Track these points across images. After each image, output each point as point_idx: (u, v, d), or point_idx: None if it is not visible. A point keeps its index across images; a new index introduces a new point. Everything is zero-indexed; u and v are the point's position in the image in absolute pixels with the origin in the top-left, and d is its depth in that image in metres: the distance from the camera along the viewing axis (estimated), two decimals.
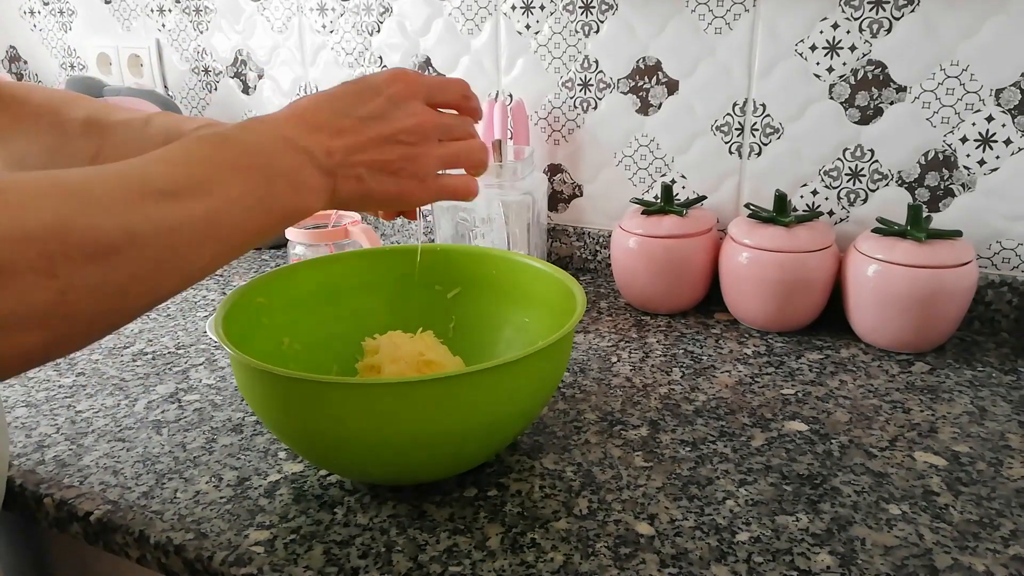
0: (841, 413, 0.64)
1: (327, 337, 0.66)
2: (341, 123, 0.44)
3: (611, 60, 0.90)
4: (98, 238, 0.32)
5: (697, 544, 0.49)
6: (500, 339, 0.67)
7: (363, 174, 0.45)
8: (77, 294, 0.32)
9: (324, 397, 0.46)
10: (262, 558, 0.48)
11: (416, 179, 0.47)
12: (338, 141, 0.44)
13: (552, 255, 1.02)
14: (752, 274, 0.77)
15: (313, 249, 0.86)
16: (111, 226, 0.33)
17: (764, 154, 0.86)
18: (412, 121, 0.46)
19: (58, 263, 0.31)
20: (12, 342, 0.31)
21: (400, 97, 0.46)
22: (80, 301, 0.32)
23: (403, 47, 1.02)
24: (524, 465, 0.57)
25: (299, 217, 0.42)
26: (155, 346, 0.80)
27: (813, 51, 0.80)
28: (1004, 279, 0.78)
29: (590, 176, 0.97)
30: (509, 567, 0.47)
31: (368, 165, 0.45)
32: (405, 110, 0.46)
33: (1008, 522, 0.50)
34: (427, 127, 0.47)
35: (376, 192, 0.45)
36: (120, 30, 1.24)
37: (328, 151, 0.43)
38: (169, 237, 0.35)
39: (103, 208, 0.33)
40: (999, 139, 0.75)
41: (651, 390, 0.68)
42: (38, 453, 0.60)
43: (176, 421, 0.65)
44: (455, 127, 0.49)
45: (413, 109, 0.46)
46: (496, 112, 0.92)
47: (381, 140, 0.45)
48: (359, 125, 0.44)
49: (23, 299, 0.30)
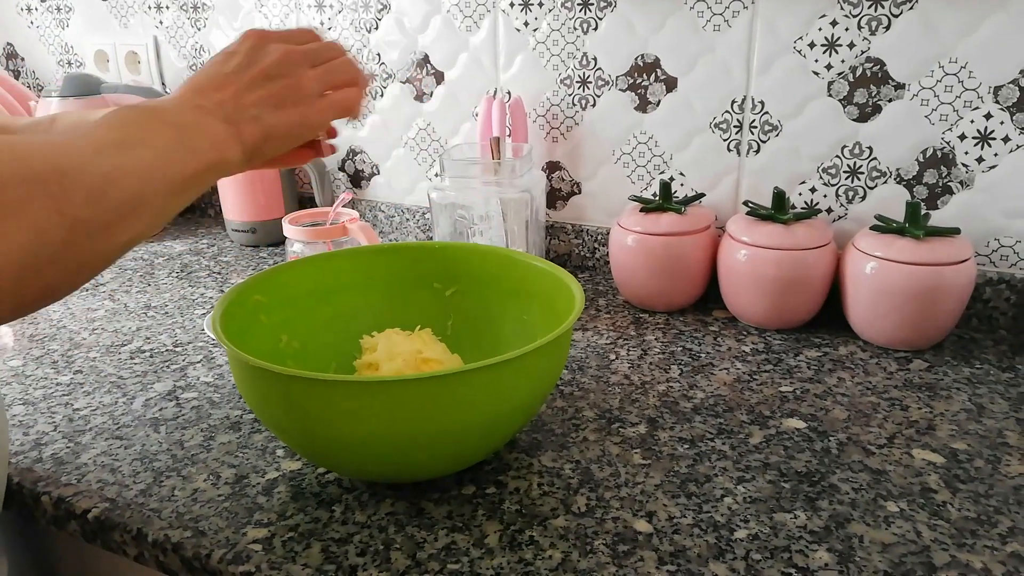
0: (839, 410, 0.64)
1: (325, 335, 0.66)
2: (218, 81, 0.50)
3: (610, 57, 0.90)
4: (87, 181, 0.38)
5: (695, 542, 0.49)
6: (498, 337, 0.67)
7: (258, 114, 0.49)
8: (80, 230, 0.37)
9: (322, 395, 0.46)
10: (260, 556, 0.48)
11: (304, 103, 0.51)
12: (222, 93, 0.49)
13: (550, 253, 1.01)
14: (750, 271, 0.77)
15: (311, 247, 0.86)
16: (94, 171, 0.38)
17: (763, 151, 0.86)
18: (276, 56, 0.51)
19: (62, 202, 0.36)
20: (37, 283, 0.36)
21: (256, 46, 0.52)
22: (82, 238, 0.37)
23: (401, 44, 1.02)
24: (522, 463, 0.57)
25: (223, 167, 0.47)
26: (153, 344, 0.79)
27: (812, 48, 0.80)
28: (1002, 276, 0.78)
29: (588, 173, 0.97)
30: (507, 565, 0.47)
31: (257, 103, 0.49)
32: (265, 52, 0.51)
33: (1006, 519, 0.50)
34: (292, 56, 0.52)
35: (277, 126, 0.50)
36: (118, 27, 1.24)
37: (219, 103, 0.48)
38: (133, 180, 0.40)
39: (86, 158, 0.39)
40: (997, 136, 0.75)
41: (649, 388, 0.68)
42: (36, 451, 0.60)
43: (174, 419, 0.65)
44: (320, 51, 0.54)
45: (272, 49, 0.52)
46: (495, 109, 0.92)
47: (257, 79, 0.50)
48: (233, 77, 0.50)
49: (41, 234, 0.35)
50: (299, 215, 0.89)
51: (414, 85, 1.04)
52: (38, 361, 0.76)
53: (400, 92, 1.05)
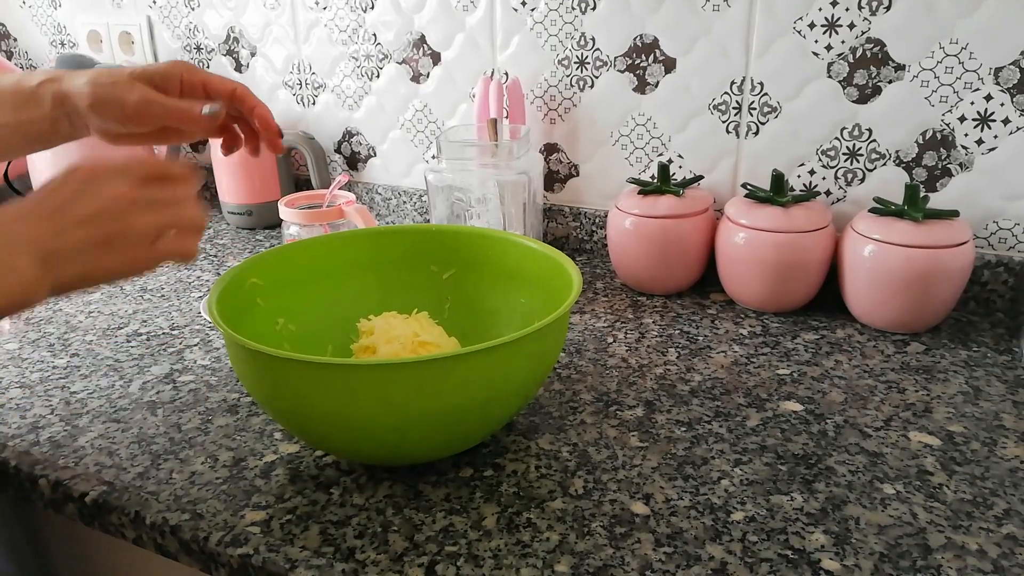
0: (836, 393, 0.64)
1: (322, 318, 0.66)
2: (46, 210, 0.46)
3: (608, 38, 0.89)
4: None
5: (692, 523, 0.49)
6: (496, 320, 0.66)
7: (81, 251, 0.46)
8: None
9: (319, 378, 0.46)
10: (258, 538, 0.48)
11: (134, 248, 0.48)
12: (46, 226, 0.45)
13: (548, 235, 1.01)
14: (748, 254, 0.77)
15: (307, 229, 0.86)
16: None
17: (761, 133, 0.85)
18: (105, 199, 0.47)
19: None
20: None
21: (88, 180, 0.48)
22: None
23: (397, 24, 1.01)
24: (520, 445, 0.57)
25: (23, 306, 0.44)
26: (149, 327, 0.79)
27: (812, 29, 0.79)
28: (1000, 259, 0.78)
29: (586, 156, 0.96)
30: (505, 546, 0.47)
31: (82, 241, 0.46)
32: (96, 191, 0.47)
33: (1001, 501, 0.50)
34: (121, 203, 0.48)
35: (98, 270, 0.47)
36: (110, 7, 1.22)
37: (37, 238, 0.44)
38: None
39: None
40: (997, 118, 0.75)
41: (647, 370, 0.68)
42: (33, 434, 0.60)
43: (171, 402, 0.65)
44: (158, 197, 0.49)
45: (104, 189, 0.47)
46: (492, 91, 0.91)
47: (85, 220, 0.46)
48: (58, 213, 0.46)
49: None
50: (295, 197, 0.89)
51: (410, 66, 1.03)
52: (34, 344, 0.76)
53: (396, 73, 1.04)
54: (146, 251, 0.48)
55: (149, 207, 0.48)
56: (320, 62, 1.09)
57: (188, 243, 0.50)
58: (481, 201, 0.87)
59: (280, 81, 1.13)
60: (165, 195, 0.50)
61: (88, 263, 0.46)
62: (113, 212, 0.47)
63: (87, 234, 0.46)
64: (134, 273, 0.48)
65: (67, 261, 0.45)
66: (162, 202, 0.49)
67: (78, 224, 0.46)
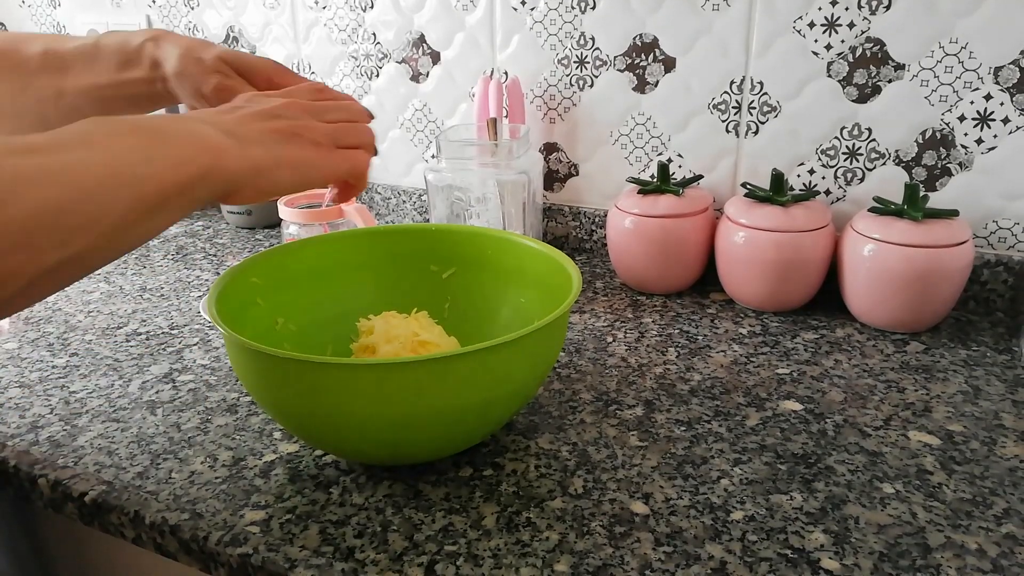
0: (836, 392, 0.64)
1: (321, 317, 0.65)
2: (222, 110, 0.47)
3: (607, 37, 0.89)
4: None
5: (692, 523, 0.49)
6: (495, 319, 0.66)
7: (265, 139, 0.45)
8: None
9: (318, 378, 0.46)
10: (258, 538, 0.48)
11: (315, 145, 0.48)
12: (225, 116, 0.45)
13: (548, 235, 1.01)
14: (748, 254, 0.77)
15: (307, 229, 0.86)
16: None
17: (761, 133, 0.85)
18: (282, 102, 0.48)
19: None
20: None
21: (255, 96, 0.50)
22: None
23: (397, 23, 1.01)
24: (519, 445, 0.57)
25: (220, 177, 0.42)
26: (149, 326, 0.79)
27: (811, 28, 0.79)
28: (1000, 258, 0.78)
29: (586, 155, 0.96)
30: (504, 546, 0.47)
31: (263, 132, 0.45)
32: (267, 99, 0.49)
33: (1001, 500, 0.50)
34: (300, 105, 0.49)
35: (285, 156, 0.46)
36: (110, 6, 1.22)
37: (218, 121, 0.44)
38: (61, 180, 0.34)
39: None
40: (997, 118, 0.75)
41: (646, 370, 0.68)
42: (32, 434, 0.60)
43: (171, 401, 0.65)
44: (331, 108, 0.51)
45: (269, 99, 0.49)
46: (491, 90, 0.91)
47: (263, 115, 0.47)
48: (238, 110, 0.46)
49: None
50: (295, 197, 0.89)
51: (410, 65, 1.03)
52: (34, 344, 0.76)
53: (396, 72, 1.04)
54: (328, 150, 0.48)
55: (323, 113, 0.49)
56: (320, 61, 1.09)
57: (362, 159, 0.51)
58: (481, 200, 0.87)
59: None
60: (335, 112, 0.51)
61: (276, 150, 0.45)
62: (288, 112, 0.48)
63: (267, 126, 0.46)
64: (315, 172, 0.47)
65: (254, 143, 0.44)
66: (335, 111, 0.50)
67: (256, 117, 0.46)
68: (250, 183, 0.44)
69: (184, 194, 0.40)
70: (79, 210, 0.34)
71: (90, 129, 0.37)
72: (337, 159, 0.49)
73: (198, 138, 0.41)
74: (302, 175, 0.47)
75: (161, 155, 0.38)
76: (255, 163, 0.44)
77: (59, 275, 0.35)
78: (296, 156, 0.46)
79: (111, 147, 0.37)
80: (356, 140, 0.51)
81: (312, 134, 0.48)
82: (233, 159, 0.42)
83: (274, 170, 0.45)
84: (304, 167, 0.47)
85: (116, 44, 0.58)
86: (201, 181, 0.40)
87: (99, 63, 0.58)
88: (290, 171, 0.46)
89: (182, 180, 0.39)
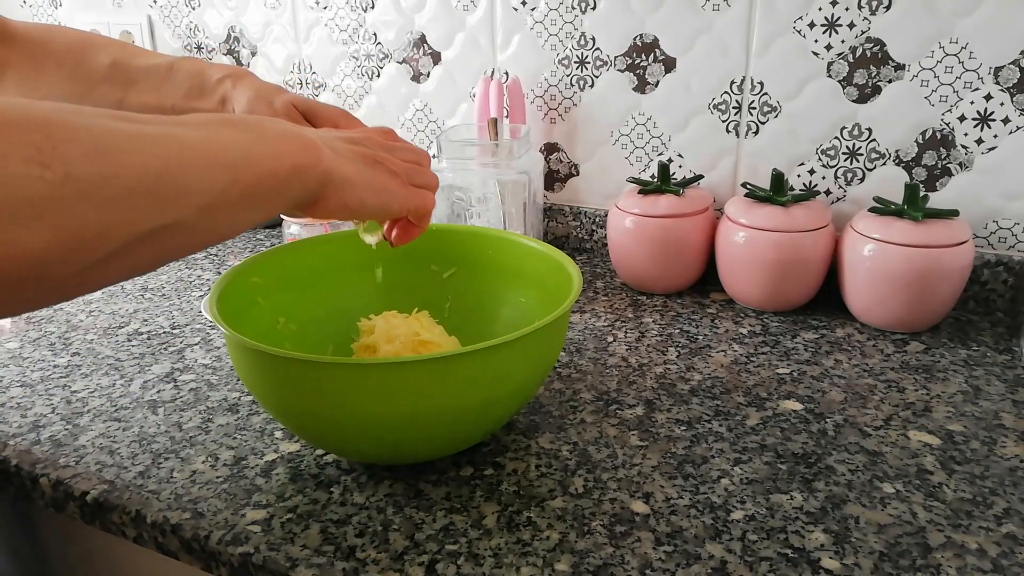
0: (836, 392, 0.64)
1: (322, 317, 0.66)
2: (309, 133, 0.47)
3: (608, 37, 0.89)
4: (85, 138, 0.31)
5: (692, 522, 0.49)
6: (496, 319, 0.66)
7: (355, 158, 0.46)
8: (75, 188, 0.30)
9: (319, 377, 0.46)
10: (259, 537, 0.48)
11: (395, 176, 0.49)
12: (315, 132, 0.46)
13: (548, 235, 1.01)
14: (748, 254, 0.77)
15: (308, 228, 0.86)
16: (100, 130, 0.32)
17: (761, 133, 0.85)
18: (362, 135, 0.50)
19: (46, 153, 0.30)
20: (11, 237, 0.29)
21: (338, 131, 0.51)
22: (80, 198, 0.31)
23: (397, 24, 1.01)
24: (520, 444, 0.58)
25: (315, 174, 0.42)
26: (150, 326, 0.79)
27: (812, 28, 0.79)
28: (1000, 258, 0.78)
29: (586, 155, 0.96)
30: (505, 545, 0.47)
31: (352, 152, 0.46)
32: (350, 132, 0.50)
33: (1001, 500, 0.51)
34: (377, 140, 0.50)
35: (373, 179, 0.47)
36: (111, 6, 1.22)
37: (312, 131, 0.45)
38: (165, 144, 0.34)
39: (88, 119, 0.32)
40: (997, 118, 0.75)
41: (647, 370, 0.69)
42: (34, 433, 0.60)
43: (172, 401, 0.65)
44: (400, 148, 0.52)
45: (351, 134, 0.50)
46: (492, 90, 0.91)
47: (349, 140, 0.48)
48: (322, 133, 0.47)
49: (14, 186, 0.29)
50: None
51: (411, 65, 1.03)
52: (35, 343, 0.76)
53: (396, 72, 1.04)
54: (404, 184, 0.49)
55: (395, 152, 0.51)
56: (321, 61, 1.09)
57: (430, 200, 0.52)
58: (481, 200, 0.87)
59: (281, 81, 1.13)
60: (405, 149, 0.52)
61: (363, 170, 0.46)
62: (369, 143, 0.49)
63: (355, 149, 0.47)
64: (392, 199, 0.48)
65: (344, 160, 0.45)
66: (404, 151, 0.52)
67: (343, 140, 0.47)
68: (339, 192, 0.44)
69: (279, 187, 0.40)
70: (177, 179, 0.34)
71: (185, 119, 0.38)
72: (412, 193, 0.50)
73: (298, 136, 0.42)
74: (383, 200, 0.48)
75: (260, 145, 0.39)
76: (347, 174, 0.45)
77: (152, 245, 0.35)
78: (381, 181, 0.47)
79: (211, 132, 0.37)
80: (423, 181, 0.52)
81: (392, 165, 0.49)
82: (330, 162, 0.43)
83: (361, 187, 0.46)
84: (386, 193, 0.48)
85: (192, 72, 0.59)
86: (298, 176, 0.41)
87: (169, 85, 0.59)
88: (374, 193, 0.47)
89: (280, 171, 0.40)
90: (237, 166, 0.37)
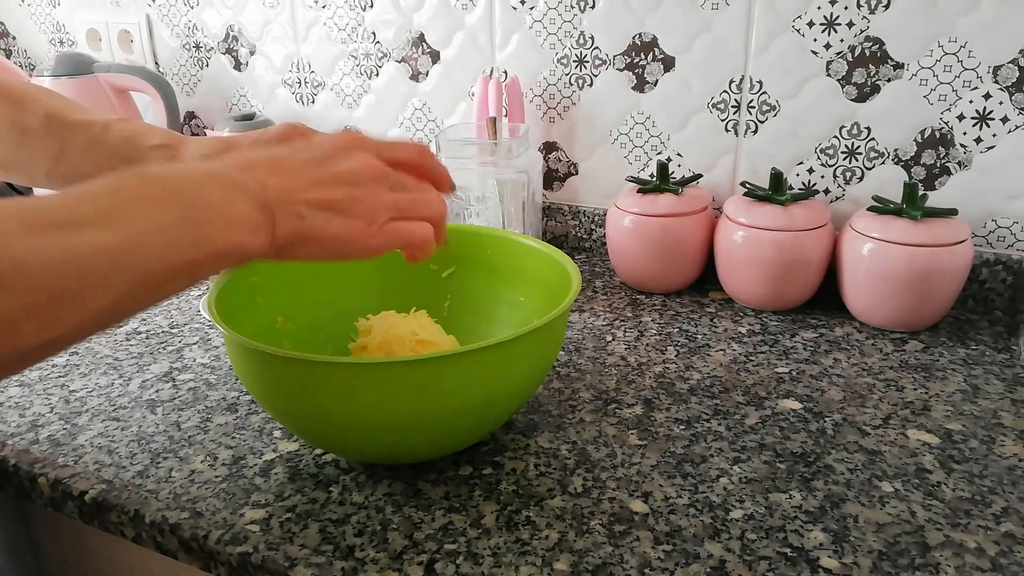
0: (835, 391, 0.64)
1: (321, 316, 0.66)
2: (278, 162, 0.43)
3: (607, 36, 0.89)
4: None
5: (691, 521, 0.49)
6: (495, 318, 0.66)
7: (303, 212, 0.42)
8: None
9: (318, 377, 0.46)
10: (258, 536, 0.48)
11: (365, 220, 0.44)
12: (274, 178, 0.42)
13: (547, 234, 1.01)
14: (747, 253, 0.77)
15: None
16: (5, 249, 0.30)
17: (760, 132, 0.85)
18: (355, 164, 0.45)
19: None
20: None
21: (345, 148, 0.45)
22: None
23: (396, 23, 1.01)
24: (519, 444, 0.58)
25: (238, 256, 0.39)
26: (149, 325, 0.79)
27: (811, 27, 0.79)
28: (999, 257, 0.78)
29: (585, 154, 0.96)
30: (504, 544, 0.47)
31: (308, 203, 0.42)
32: (348, 156, 0.45)
33: (1000, 499, 0.51)
34: (374, 171, 0.45)
35: (319, 232, 0.42)
36: (110, 5, 1.22)
37: (262, 185, 0.41)
38: (63, 268, 0.32)
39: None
40: (996, 117, 0.75)
41: (646, 369, 0.68)
42: (32, 433, 0.60)
43: (171, 400, 0.65)
44: (407, 182, 0.47)
45: (358, 156, 0.45)
46: (491, 89, 0.91)
47: (322, 180, 0.43)
48: (298, 165, 0.43)
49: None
50: None
51: (409, 64, 1.03)
52: None
53: (395, 71, 1.04)
54: (378, 227, 0.44)
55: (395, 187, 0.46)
56: (319, 61, 1.09)
57: (418, 232, 0.46)
58: (480, 200, 0.87)
59: (279, 80, 1.13)
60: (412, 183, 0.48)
61: (309, 223, 0.42)
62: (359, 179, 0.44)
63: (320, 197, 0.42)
64: (358, 248, 0.44)
65: (289, 215, 0.41)
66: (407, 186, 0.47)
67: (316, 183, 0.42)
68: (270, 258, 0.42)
69: (193, 272, 0.38)
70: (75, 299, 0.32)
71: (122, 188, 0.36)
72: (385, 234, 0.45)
73: (228, 215, 0.38)
74: (336, 251, 0.44)
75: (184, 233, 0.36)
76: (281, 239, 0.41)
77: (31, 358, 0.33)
78: (334, 233, 0.43)
79: (134, 221, 0.35)
80: (424, 214, 0.47)
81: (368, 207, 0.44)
82: (258, 241, 0.40)
83: (302, 247, 0.43)
84: (339, 245, 0.44)
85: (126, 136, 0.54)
86: (217, 260, 0.38)
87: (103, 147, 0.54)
88: (319, 247, 0.43)
89: (197, 259, 0.37)
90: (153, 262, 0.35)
